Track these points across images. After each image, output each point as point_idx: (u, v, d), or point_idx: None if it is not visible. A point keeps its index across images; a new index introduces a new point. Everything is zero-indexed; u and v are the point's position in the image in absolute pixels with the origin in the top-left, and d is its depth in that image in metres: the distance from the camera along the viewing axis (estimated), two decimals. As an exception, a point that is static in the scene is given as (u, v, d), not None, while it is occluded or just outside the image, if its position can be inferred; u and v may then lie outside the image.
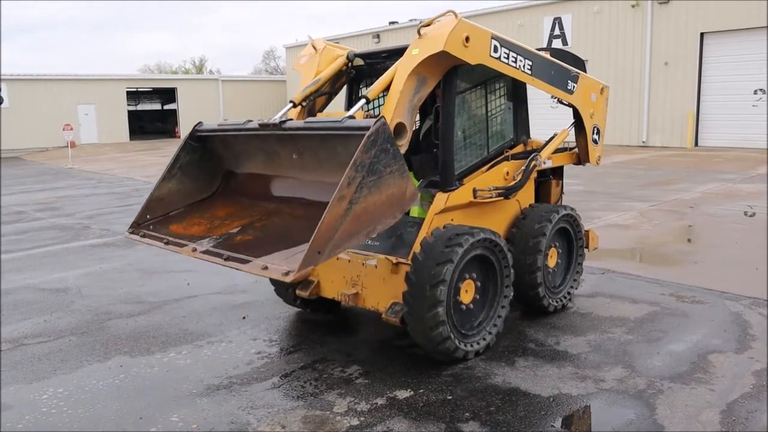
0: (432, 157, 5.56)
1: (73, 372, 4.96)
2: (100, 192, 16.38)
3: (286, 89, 44.39)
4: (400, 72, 4.66)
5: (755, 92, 21.35)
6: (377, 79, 5.94)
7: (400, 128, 4.57)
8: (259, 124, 4.67)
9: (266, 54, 77.41)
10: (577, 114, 6.28)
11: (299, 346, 5.37)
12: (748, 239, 8.79)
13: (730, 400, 4.21)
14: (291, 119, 4.68)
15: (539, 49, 5.97)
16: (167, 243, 4.49)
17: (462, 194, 5.21)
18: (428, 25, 4.75)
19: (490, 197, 5.41)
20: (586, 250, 6.46)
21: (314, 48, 5.61)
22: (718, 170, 16.30)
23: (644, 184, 14.34)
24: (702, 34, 22.38)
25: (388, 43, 31.50)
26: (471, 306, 4.98)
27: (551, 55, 6.18)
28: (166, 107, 50.93)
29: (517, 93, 5.86)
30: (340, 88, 5.63)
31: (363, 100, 4.65)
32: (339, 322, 5.95)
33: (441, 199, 5.10)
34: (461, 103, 5.33)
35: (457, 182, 5.22)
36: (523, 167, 5.67)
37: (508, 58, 5.11)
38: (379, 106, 5.52)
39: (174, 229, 4.76)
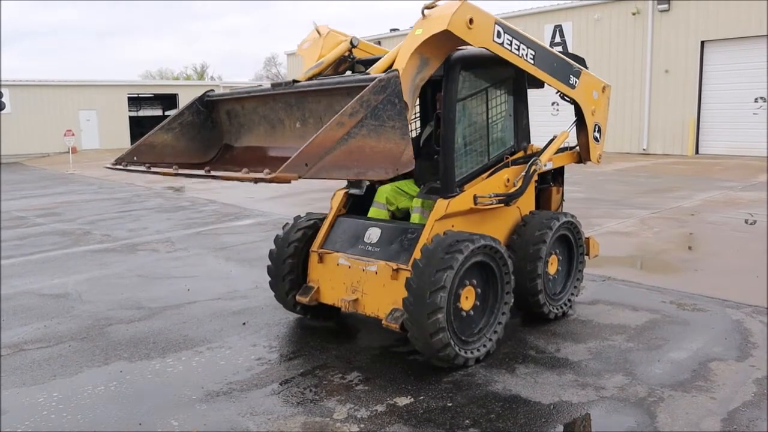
0: (433, 164, 5.57)
1: (73, 377, 4.95)
2: (101, 197, 16.40)
3: (287, 96, 44.42)
4: (402, 51, 4.66)
5: (756, 100, 21.37)
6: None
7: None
8: (272, 84, 4.67)
9: (267, 60, 77.66)
10: (578, 110, 6.27)
11: (299, 352, 5.36)
12: (748, 247, 8.78)
13: (731, 408, 4.20)
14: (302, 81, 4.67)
15: None
16: (149, 167, 4.41)
17: (462, 201, 5.22)
18: (432, 7, 4.75)
19: (491, 204, 5.41)
20: (586, 258, 6.46)
21: (318, 33, 5.62)
22: (718, 178, 16.30)
23: (645, 191, 14.34)
24: (702, 42, 22.43)
25: (389, 49, 31.54)
26: (471, 312, 4.98)
27: None
28: (167, 113, 51.01)
29: (518, 99, 5.87)
30: (342, 73, 5.63)
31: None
32: (339, 328, 5.94)
33: (441, 206, 5.10)
34: (462, 110, 5.35)
35: (457, 189, 5.23)
36: (524, 172, 5.67)
37: (511, 45, 5.12)
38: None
39: (158, 167, 4.68)
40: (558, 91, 6.00)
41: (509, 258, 5.19)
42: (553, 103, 6.88)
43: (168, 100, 46.78)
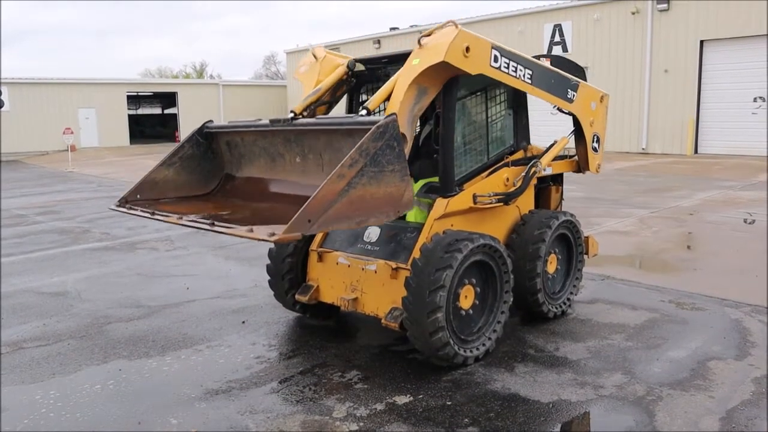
0: (432, 163, 5.57)
1: (72, 376, 4.96)
2: (101, 196, 16.38)
3: (286, 94, 44.47)
4: (400, 82, 4.68)
5: (755, 100, 21.39)
6: (378, 84, 5.99)
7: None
8: (270, 120, 4.71)
9: (267, 59, 77.63)
10: (576, 122, 6.28)
11: (298, 350, 5.37)
12: (747, 246, 8.79)
13: (729, 407, 4.20)
14: (301, 117, 4.71)
15: (539, 56, 5.99)
16: (153, 214, 4.47)
17: (462, 200, 5.22)
18: (429, 35, 4.76)
19: (490, 203, 5.41)
20: (585, 257, 6.46)
21: (314, 57, 5.63)
22: (717, 177, 16.31)
23: (644, 190, 14.35)
24: (702, 42, 22.44)
25: (389, 48, 31.57)
26: (470, 311, 4.98)
27: (551, 63, 6.20)
28: (166, 111, 51.02)
29: (517, 99, 5.88)
30: (341, 97, 5.65)
31: (364, 111, 4.65)
32: (338, 327, 5.94)
33: (441, 205, 5.10)
34: (461, 109, 5.35)
35: (457, 188, 5.23)
36: (523, 173, 5.68)
37: (508, 67, 5.12)
38: (380, 111, 5.52)
39: (162, 207, 4.74)
40: (555, 105, 6.01)
41: (508, 257, 5.19)
42: (553, 106, 6.92)
43: (167, 99, 46.79)
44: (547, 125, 9.62)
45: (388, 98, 4.70)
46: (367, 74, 5.73)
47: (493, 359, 5.04)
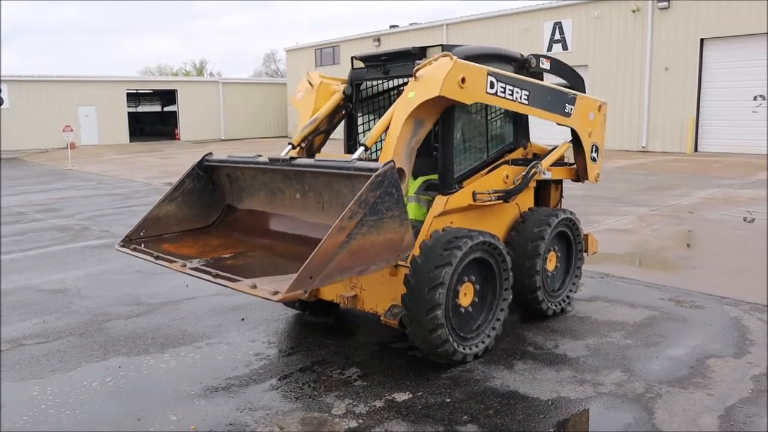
0: (432, 160, 5.57)
1: (72, 372, 4.96)
2: (100, 193, 16.38)
3: (286, 92, 44.46)
4: (396, 116, 4.69)
5: (755, 98, 21.38)
6: (377, 81, 5.99)
7: (399, 174, 4.63)
8: (270, 159, 4.78)
9: (267, 57, 77.61)
10: (575, 134, 6.24)
11: (298, 348, 5.37)
12: (747, 245, 8.79)
13: (728, 404, 4.21)
14: (300, 157, 4.77)
15: (539, 56, 5.98)
16: (157, 257, 4.53)
17: (461, 197, 5.22)
18: (424, 66, 4.74)
19: (490, 200, 5.41)
20: (585, 254, 6.46)
21: (310, 84, 5.64)
22: (717, 176, 16.31)
23: (644, 188, 14.35)
24: (702, 40, 22.43)
25: (389, 46, 31.56)
26: (470, 309, 4.98)
27: (551, 66, 6.18)
28: (166, 109, 51.02)
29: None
30: (338, 123, 5.67)
31: (362, 148, 4.68)
32: (338, 324, 5.95)
33: (440, 202, 5.10)
34: (461, 107, 5.33)
35: (456, 185, 5.23)
36: (523, 173, 5.69)
37: (504, 92, 5.10)
38: (377, 149, 5.51)
39: (166, 247, 4.82)
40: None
41: (508, 254, 5.19)
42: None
43: (167, 96, 46.78)
44: (548, 123, 9.58)
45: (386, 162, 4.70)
46: (367, 72, 5.73)
47: (492, 356, 5.04)
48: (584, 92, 6.58)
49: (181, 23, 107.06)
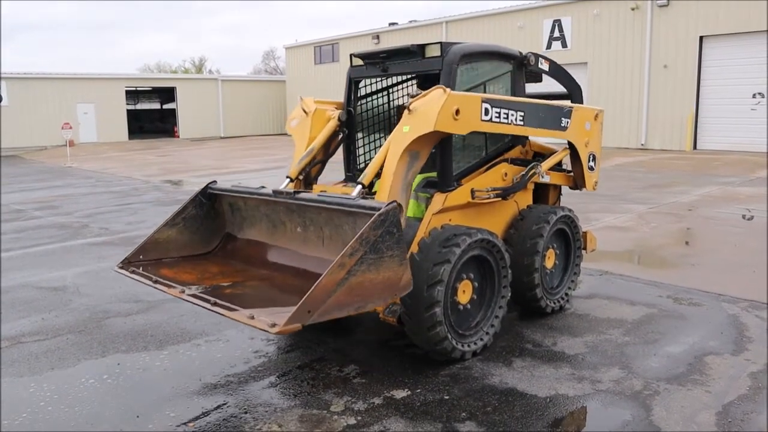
0: (430, 158, 5.56)
1: (70, 370, 4.97)
2: (99, 191, 16.38)
3: (285, 89, 44.43)
4: (392, 151, 4.71)
5: (754, 96, 21.39)
6: (376, 79, 6.00)
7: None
8: (273, 191, 4.84)
9: (266, 54, 77.57)
10: (572, 145, 6.22)
11: (296, 345, 5.37)
12: (746, 242, 8.80)
13: (726, 401, 4.22)
14: (303, 191, 4.83)
15: (538, 55, 5.96)
16: (155, 282, 4.56)
17: (460, 195, 5.23)
18: (418, 98, 4.75)
19: (488, 198, 5.42)
20: (583, 252, 6.47)
21: (304, 111, 5.64)
22: (716, 173, 16.32)
23: (643, 186, 14.36)
24: (701, 38, 22.43)
25: (388, 44, 31.52)
26: (468, 306, 4.99)
27: (550, 68, 6.18)
28: (165, 107, 50.95)
29: (515, 94, 5.86)
30: (335, 151, 5.67)
31: (359, 186, 4.71)
32: (336, 321, 5.94)
33: (439, 200, 5.11)
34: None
35: (455, 183, 5.23)
36: (522, 173, 5.70)
37: (499, 116, 5.09)
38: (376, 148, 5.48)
39: (164, 272, 4.85)
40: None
41: (506, 252, 5.20)
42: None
43: (166, 94, 46.72)
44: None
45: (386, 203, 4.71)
46: (366, 69, 5.73)
47: (490, 354, 5.05)
48: (581, 102, 6.56)
49: (181, 20, 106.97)
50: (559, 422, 4.02)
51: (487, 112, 4.97)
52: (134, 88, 45.33)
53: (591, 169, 6.43)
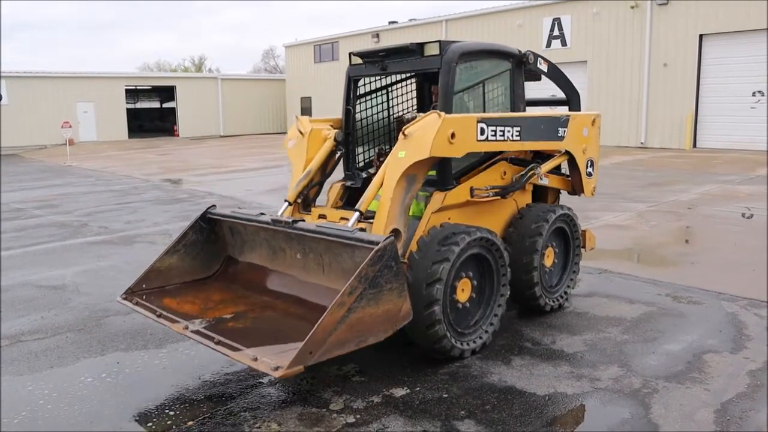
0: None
1: (70, 368, 4.97)
2: (99, 189, 16.38)
3: (285, 88, 44.42)
4: (389, 177, 4.73)
5: (754, 94, 21.38)
6: (375, 78, 6.00)
7: (395, 233, 4.73)
8: (272, 220, 4.85)
9: (266, 53, 77.61)
10: (569, 153, 6.21)
11: (296, 343, 5.37)
12: (745, 241, 8.81)
13: (724, 399, 4.22)
14: (303, 220, 4.87)
15: (537, 55, 5.96)
16: (159, 315, 4.58)
17: (459, 193, 5.23)
18: (413, 124, 4.76)
19: (487, 196, 5.42)
20: (583, 250, 6.47)
21: (300, 132, 5.64)
22: (716, 172, 16.32)
23: (642, 185, 14.36)
24: (701, 36, 22.42)
25: (388, 42, 31.52)
26: (467, 305, 4.99)
27: (549, 69, 6.17)
28: (165, 105, 50.92)
29: (514, 92, 5.86)
30: (331, 172, 5.68)
31: (357, 214, 4.74)
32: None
33: (438, 198, 5.11)
34: (459, 104, 5.35)
35: (454, 181, 5.23)
36: (522, 173, 5.70)
37: (495, 134, 5.10)
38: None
39: (167, 303, 4.90)
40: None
41: (505, 250, 5.20)
42: (551, 95, 6.96)
43: (166, 93, 46.70)
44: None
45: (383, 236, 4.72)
46: (365, 68, 5.73)
47: (489, 352, 5.05)
48: (579, 108, 6.56)
49: (180, 19, 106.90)
50: (557, 420, 4.03)
51: (482, 131, 4.98)
52: (134, 87, 45.33)
53: (589, 175, 6.43)
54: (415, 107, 6.52)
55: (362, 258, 4.06)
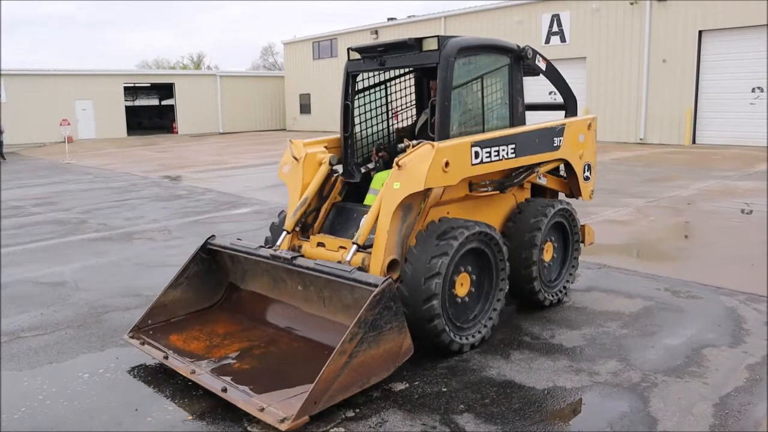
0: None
1: (69, 364, 4.97)
2: (98, 187, 16.37)
3: (284, 85, 44.37)
4: (384, 209, 4.75)
5: (753, 90, 21.37)
6: (373, 73, 5.99)
7: (393, 264, 4.77)
8: (271, 255, 4.89)
9: (264, 50, 77.51)
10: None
11: (295, 339, 5.37)
12: (744, 236, 8.81)
13: (723, 393, 4.23)
14: (302, 255, 4.94)
15: (536, 52, 5.94)
16: (166, 357, 4.63)
17: (458, 187, 5.22)
18: (407, 155, 4.76)
19: (486, 191, 5.42)
20: (582, 245, 6.47)
21: (295, 159, 5.62)
22: (715, 168, 16.32)
23: (641, 180, 14.36)
24: (700, 32, 22.40)
25: (387, 39, 31.49)
26: (466, 299, 4.99)
27: (547, 69, 6.16)
28: (163, 103, 50.86)
29: (512, 87, 5.85)
30: (328, 196, 5.66)
31: (354, 247, 4.77)
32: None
33: (437, 193, 5.10)
34: (457, 98, 5.33)
35: None
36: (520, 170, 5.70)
37: (490, 156, 5.12)
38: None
39: (174, 340, 4.95)
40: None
41: (504, 245, 5.20)
42: (550, 93, 6.93)
43: (164, 90, 46.63)
44: (544, 114, 9.57)
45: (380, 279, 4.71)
46: (364, 63, 5.72)
47: (488, 346, 5.06)
48: (576, 112, 6.55)
49: (178, 16, 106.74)
50: (556, 414, 4.03)
51: (477, 155, 5.01)
52: (132, 85, 45.26)
53: (586, 179, 6.44)
54: (413, 102, 6.51)
55: (361, 295, 4.16)
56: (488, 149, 5.10)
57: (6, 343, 5.43)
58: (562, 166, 6.33)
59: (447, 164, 4.71)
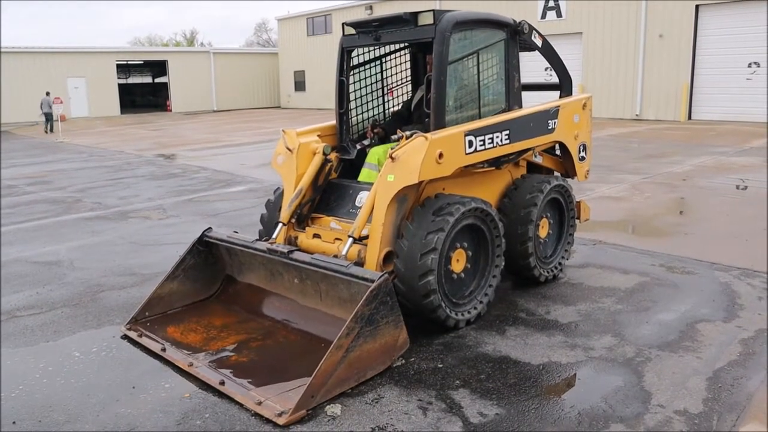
0: (424, 127, 5.53)
1: (66, 342, 4.97)
2: (92, 165, 16.27)
3: (278, 62, 44.00)
4: (379, 201, 4.72)
5: (749, 65, 21.28)
6: (368, 48, 5.93)
7: (389, 255, 4.76)
8: (268, 249, 4.88)
9: (258, 26, 76.73)
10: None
11: (291, 316, 5.38)
12: (739, 212, 8.83)
13: (716, 367, 4.26)
14: (299, 249, 4.89)
15: (532, 28, 5.87)
16: (164, 350, 4.62)
17: (453, 164, 5.19)
18: (401, 147, 4.72)
19: (482, 167, 5.40)
20: (577, 221, 6.48)
21: (288, 149, 5.55)
22: (711, 143, 16.31)
23: (637, 157, 14.35)
24: (697, 6, 22.24)
25: (381, 14, 31.17)
26: (462, 275, 5.00)
27: (543, 46, 6.10)
28: (157, 80, 50.45)
29: (509, 62, 5.80)
30: (323, 185, 5.60)
31: (350, 240, 4.75)
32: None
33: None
34: (453, 73, 5.29)
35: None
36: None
37: (484, 144, 5.09)
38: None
39: (171, 332, 4.95)
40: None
41: (500, 221, 5.20)
42: (546, 68, 6.87)
43: (157, 67, 46.22)
44: (541, 94, 9.51)
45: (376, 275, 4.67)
46: (359, 38, 5.66)
47: (484, 322, 5.08)
48: (571, 92, 6.49)
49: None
50: (552, 389, 4.06)
51: (471, 144, 4.98)
52: (125, 62, 44.82)
53: (582, 159, 6.43)
54: (409, 78, 6.46)
55: (358, 290, 4.18)
56: (482, 137, 5.08)
57: (2, 322, 5.43)
58: (557, 146, 6.30)
59: (441, 156, 4.70)
